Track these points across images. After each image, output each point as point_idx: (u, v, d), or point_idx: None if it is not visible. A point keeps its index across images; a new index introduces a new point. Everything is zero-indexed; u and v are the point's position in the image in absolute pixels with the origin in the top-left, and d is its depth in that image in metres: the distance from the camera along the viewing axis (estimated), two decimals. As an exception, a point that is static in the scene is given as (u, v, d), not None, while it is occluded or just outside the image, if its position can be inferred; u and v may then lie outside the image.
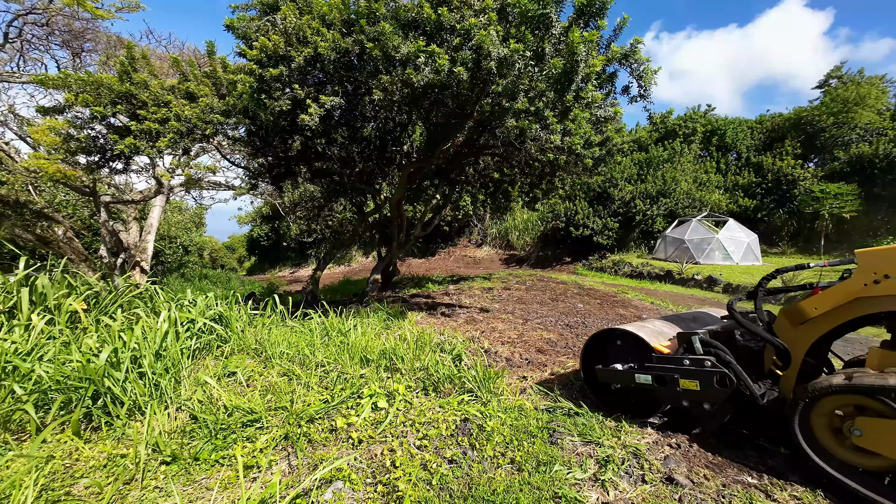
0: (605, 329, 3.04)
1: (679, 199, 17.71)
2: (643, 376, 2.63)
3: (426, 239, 19.93)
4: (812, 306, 2.26)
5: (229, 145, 8.45)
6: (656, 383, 2.60)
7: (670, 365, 2.54)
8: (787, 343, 2.36)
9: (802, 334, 2.32)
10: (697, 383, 2.43)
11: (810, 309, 2.26)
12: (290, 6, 5.05)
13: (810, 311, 2.26)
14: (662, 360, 2.60)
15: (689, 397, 2.49)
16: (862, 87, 19.38)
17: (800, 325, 2.33)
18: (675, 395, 2.55)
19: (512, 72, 4.39)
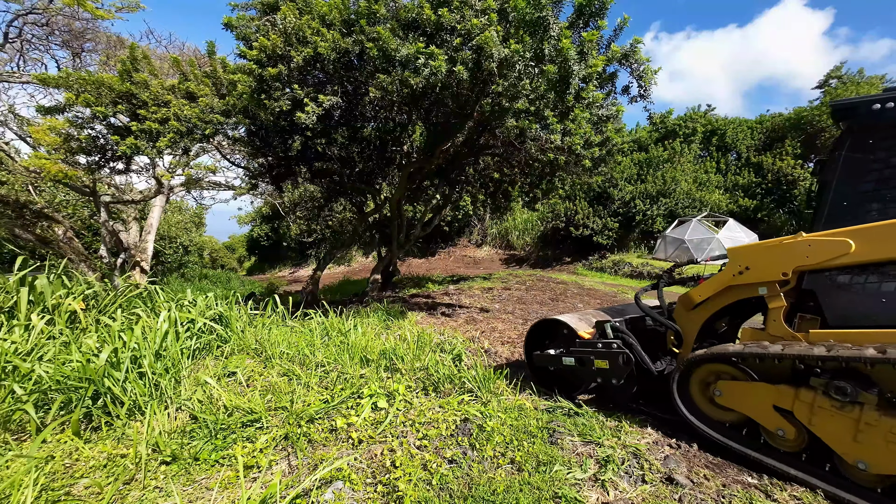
0: (543, 319, 3.47)
1: (679, 199, 17.70)
2: (568, 359, 3.08)
3: (426, 239, 19.92)
4: (697, 294, 2.72)
5: (229, 145, 8.46)
6: (578, 364, 3.04)
7: (588, 348, 3.00)
8: (683, 325, 2.83)
9: (693, 317, 2.77)
10: (607, 362, 2.89)
11: (696, 296, 2.72)
12: (289, 6, 5.05)
13: (696, 297, 2.72)
14: (583, 345, 3.05)
15: (602, 375, 2.94)
16: (862, 87, 19.38)
17: (691, 310, 2.78)
18: (591, 374, 3.00)
19: (512, 72, 4.39)
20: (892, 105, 2.11)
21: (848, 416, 1.97)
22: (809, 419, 2.09)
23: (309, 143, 6.43)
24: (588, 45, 4.51)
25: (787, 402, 2.17)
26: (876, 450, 1.88)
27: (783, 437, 2.22)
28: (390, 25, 4.58)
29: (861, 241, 2.05)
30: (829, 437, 2.03)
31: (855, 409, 1.95)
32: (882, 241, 1.99)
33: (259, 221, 29.12)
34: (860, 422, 1.93)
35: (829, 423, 2.03)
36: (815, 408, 2.07)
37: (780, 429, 2.21)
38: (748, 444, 2.33)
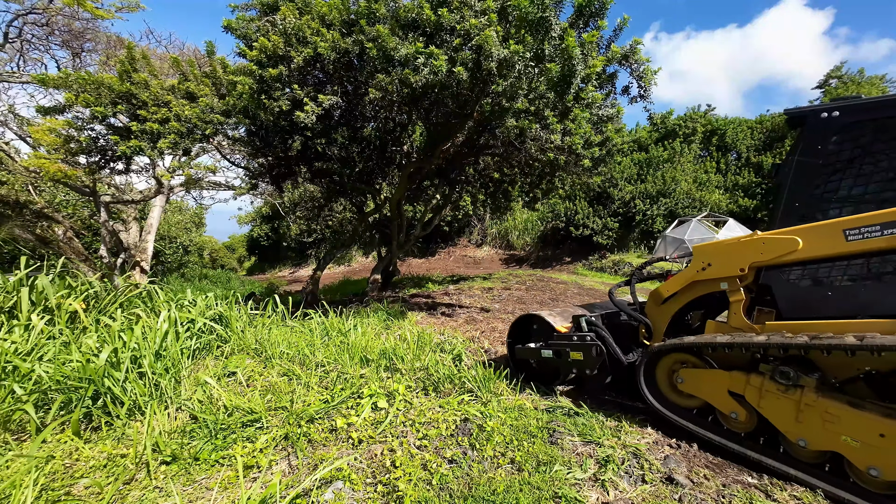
0: (524, 315, 3.64)
1: (679, 199, 17.70)
2: (546, 351, 3.26)
3: (426, 239, 19.91)
4: (665, 289, 2.89)
5: (229, 145, 8.45)
6: (555, 356, 3.22)
7: (564, 341, 3.17)
8: (653, 319, 3.02)
9: (663, 311, 2.96)
10: (581, 354, 3.06)
11: (665, 291, 2.89)
12: (289, 6, 5.04)
13: (665, 292, 2.89)
14: (560, 338, 3.22)
15: (577, 366, 3.12)
16: (862, 87, 19.37)
17: (660, 305, 2.95)
18: (568, 365, 3.18)
19: (512, 72, 4.39)
20: (837, 114, 2.29)
21: (791, 399, 2.16)
22: (758, 402, 2.28)
23: (309, 143, 6.43)
24: (588, 46, 4.51)
25: (740, 386, 2.36)
26: (814, 428, 2.07)
27: (736, 419, 2.42)
28: (390, 25, 4.57)
29: (807, 239, 2.20)
30: (775, 417, 2.22)
31: (797, 391, 2.14)
32: (824, 239, 2.15)
33: (259, 221, 29.10)
34: (801, 403, 2.12)
35: (775, 404, 2.22)
36: (763, 391, 2.26)
37: (734, 412, 2.41)
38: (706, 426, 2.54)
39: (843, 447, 2.00)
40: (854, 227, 2.06)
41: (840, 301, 2.19)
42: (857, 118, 2.27)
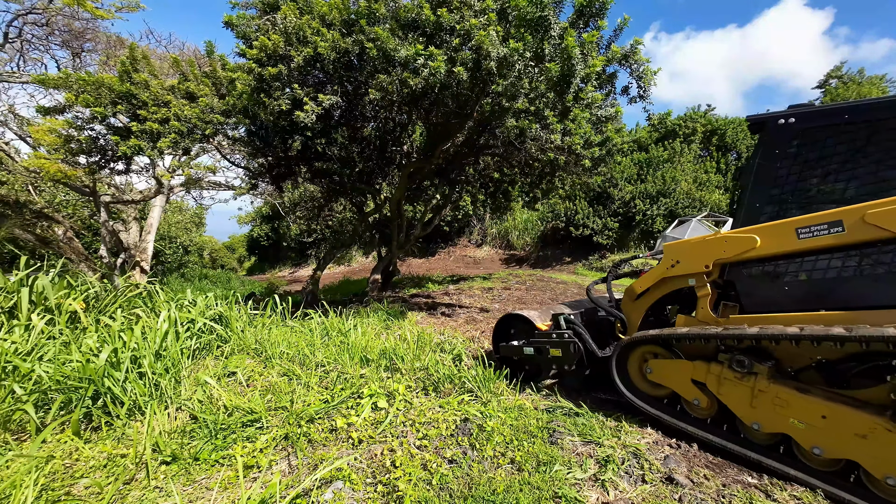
0: (508, 314, 3.77)
1: (679, 199, 17.69)
2: (528, 348, 3.39)
3: (426, 239, 19.90)
4: (638, 286, 3.01)
5: (229, 145, 8.45)
6: (536, 353, 3.34)
7: (544, 339, 3.30)
8: (628, 314, 3.14)
9: (637, 307, 3.08)
10: (560, 350, 3.20)
11: (638, 287, 3.01)
12: (290, 6, 5.04)
13: (638, 289, 3.02)
14: (540, 335, 3.35)
15: (556, 361, 3.24)
16: (862, 87, 19.37)
17: (634, 300, 3.08)
18: (548, 361, 3.29)
19: (512, 72, 4.39)
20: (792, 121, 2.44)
21: (746, 385, 2.32)
22: (718, 389, 2.45)
23: (309, 142, 6.43)
24: (588, 46, 4.51)
25: (701, 375, 2.52)
26: (766, 412, 2.24)
27: (698, 405, 2.59)
28: (390, 25, 4.57)
29: (764, 238, 2.34)
30: (732, 403, 2.39)
31: (751, 378, 2.30)
32: (779, 238, 2.29)
33: (259, 221, 29.09)
34: (755, 389, 2.28)
35: (732, 391, 2.38)
36: (722, 379, 2.42)
37: (696, 398, 2.58)
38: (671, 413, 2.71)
39: (792, 429, 2.16)
40: (805, 226, 2.21)
41: (796, 295, 2.33)
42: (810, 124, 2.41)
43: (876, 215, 1.97)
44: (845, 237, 2.08)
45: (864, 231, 2.02)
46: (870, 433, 1.90)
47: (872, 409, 1.95)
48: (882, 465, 1.89)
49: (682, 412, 2.69)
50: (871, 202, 2.01)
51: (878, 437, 1.88)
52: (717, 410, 2.52)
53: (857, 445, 1.95)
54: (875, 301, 2.10)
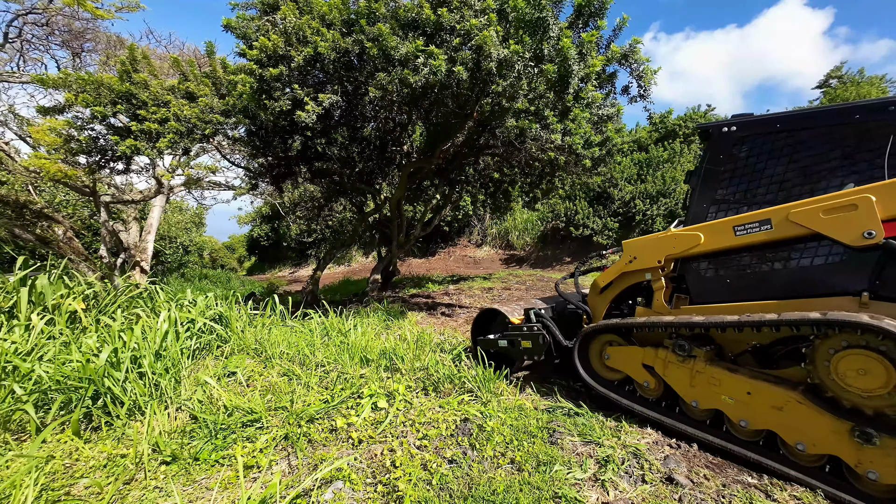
0: (484, 309, 3.95)
1: (679, 199, 17.67)
2: (502, 341, 3.59)
3: (426, 239, 19.89)
4: (602, 280, 3.23)
5: (229, 145, 8.45)
6: (510, 345, 3.54)
7: (516, 332, 3.50)
8: (593, 307, 3.35)
9: (601, 300, 3.28)
10: (530, 342, 3.41)
11: (601, 282, 3.24)
12: (290, 6, 5.04)
13: (601, 283, 3.24)
14: (513, 329, 3.55)
15: (527, 352, 3.45)
16: (862, 87, 19.37)
17: (598, 294, 3.28)
18: (520, 352, 3.50)
19: (512, 72, 4.39)
20: (734, 129, 2.69)
21: (686, 367, 2.56)
22: (664, 371, 2.68)
23: (309, 143, 6.43)
24: (587, 46, 4.51)
25: (651, 359, 2.75)
26: (703, 390, 2.49)
27: (647, 387, 2.83)
28: (390, 25, 4.57)
29: (707, 235, 2.57)
30: (676, 384, 2.62)
31: (691, 361, 2.54)
32: (719, 235, 2.51)
33: (259, 221, 29.07)
34: (693, 370, 2.52)
35: (676, 373, 2.62)
36: (667, 362, 2.66)
37: (646, 381, 2.82)
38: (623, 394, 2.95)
39: (723, 405, 2.42)
40: (740, 225, 2.43)
41: (736, 286, 2.55)
42: (748, 132, 2.66)
43: (797, 214, 2.22)
44: (774, 234, 2.32)
45: (789, 228, 2.26)
46: (784, 406, 2.18)
47: (788, 385, 2.22)
48: (793, 433, 2.16)
49: (634, 394, 2.95)
50: (794, 202, 2.26)
51: (791, 409, 2.16)
52: (663, 391, 2.77)
53: (774, 417, 2.22)
54: (803, 291, 2.32)
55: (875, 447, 1.89)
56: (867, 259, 2.11)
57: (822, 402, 2.08)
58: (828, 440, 2.03)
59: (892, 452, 1.86)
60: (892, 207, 1.97)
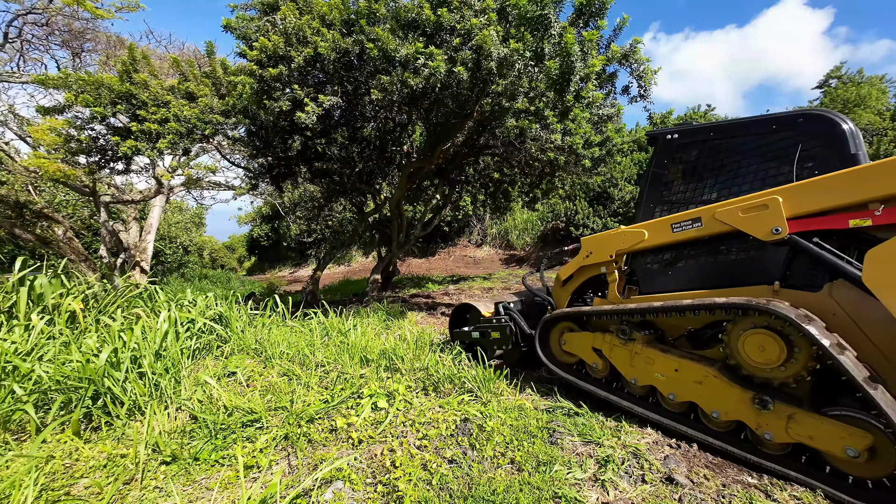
0: (459, 304, 4.25)
1: (679, 199, 17.65)
2: (475, 333, 3.90)
3: (426, 239, 19.89)
4: (563, 273, 3.48)
5: (229, 145, 8.45)
6: (481, 336, 3.84)
7: (486, 324, 3.81)
8: (557, 298, 3.60)
9: (564, 292, 3.54)
10: (499, 333, 3.70)
11: (563, 275, 3.48)
12: (289, 6, 5.04)
13: (563, 276, 3.48)
14: (484, 321, 3.88)
15: (496, 342, 3.74)
16: (862, 87, 19.36)
17: (562, 286, 3.53)
18: (490, 342, 3.79)
19: (512, 72, 4.39)
20: (676, 136, 3.00)
21: (627, 349, 2.84)
22: (609, 353, 2.96)
23: (309, 143, 6.43)
24: (588, 45, 4.51)
25: (599, 343, 3.04)
26: (640, 369, 2.77)
27: (596, 367, 3.11)
28: (390, 25, 4.57)
29: (650, 231, 2.82)
30: (619, 364, 2.90)
31: (631, 343, 2.82)
32: (660, 231, 2.77)
33: (259, 221, 29.07)
34: (633, 352, 2.81)
35: (618, 354, 2.90)
36: (612, 346, 2.94)
37: (595, 362, 3.10)
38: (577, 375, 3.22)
39: (656, 381, 2.69)
40: (677, 222, 2.69)
41: (676, 278, 2.82)
42: (688, 140, 2.96)
43: (721, 213, 2.48)
44: (703, 230, 2.57)
45: (715, 225, 2.52)
46: (704, 380, 2.47)
47: (707, 363, 2.49)
48: (710, 404, 2.45)
49: (586, 375, 3.23)
50: (719, 203, 2.53)
51: (708, 383, 2.45)
52: (609, 371, 3.04)
53: (696, 390, 2.51)
54: (729, 281, 2.58)
55: (770, 412, 2.19)
56: (778, 252, 2.40)
57: (733, 375, 2.37)
58: (736, 408, 2.34)
59: (782, 415, 2.17)
60: (795, 207, 2.24)
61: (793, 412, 2.14)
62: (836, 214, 2.14)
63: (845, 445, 1.99)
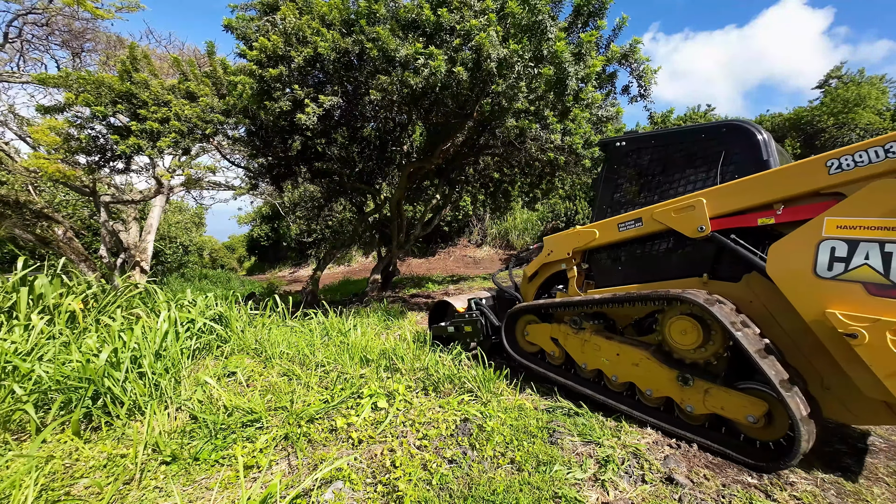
0: (437, 301, 4.55)
1: (679, 199, 17.65)
2: (450, 327, 4.17)
3: (426, 239, 19.88)
4: (528, 270, 3.80)
5: (229, 145, 8.44)
6: (456, 330, 4.13)
7: (460, 318, 4.12)
8: (524, 294, 3.90)
9: (530, 287, 3.84)
10: (471, 327, 4.01)
11: (528, 272, 3.81)
12: (289, 6, 5.04)
13: (528, 273, 3.81)
14: (458, 316, 4.17)
15: (469, 335, 4.05)
16: (862, 87, 19.34)
17: (528, 283, 3.84)
18: (463, 335, 4.09)
19: (512, 73, 4.39)
20: (624, 144, 3.28)
21: (579, 337, 3.12)
22: (564, 342, 3.24)
23: (309, 143, 6.43)
24: (587, 46, 4.51)
25: (556, 333, 3.31)
26: (589, 355, 3.05)
27: (554, 355, 3.40)
28: (390, 26, 4.57)
29: (601, 231, 3.11)
30: (572, 351, 3.19)
31: (581, 332, 3.10)
32: (608, 231, 3.06)
33: (259, 221, 29.04)
34: (583, 340, 3.08)
35: (572, 342, 3.17)
36: (566, 334, 3.22)
37: (553, 350, 3.37)
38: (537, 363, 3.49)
39: (603, 365, 2.98)
40: (622, 222, 2.98)
41: (625, 272, 3.11)
42: (633, 147, 3.23)
43: (657, 214, 2.76)
44: (644, 229, 2.85)
45: (653, 225, 2.79)
46: (640, 362, 2.74)
47: (643, 347, 2.76)
48: (645, 383, 2.73)
49: (547, 363, 3.49)
50: (657, 204, 2.80)
51: (644, 365, 2.72)
52: (564, 358, 3.31)
53: (634, 371, 2.78)
54: (667, 275, 2.86)
55: (691, 387, 2.49)
56: (705, 248, 2.68)
57: (664, 357, 2.64)
58: (665, 386, 2.62)
59: (700, 390, 2.46)
60: (716, 207, 2.52)
61: (709, 387, 2.43)
62: (748, 214, 2.42)
63: (747, 413, 2.29)
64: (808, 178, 2.17)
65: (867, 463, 2.43)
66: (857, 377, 2.05)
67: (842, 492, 2.12)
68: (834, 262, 2.03)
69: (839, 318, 1.98)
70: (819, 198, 2.17)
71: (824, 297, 2.06)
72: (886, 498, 2.09)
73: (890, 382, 1.90)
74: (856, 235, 1.98)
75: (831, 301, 2.04)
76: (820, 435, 2.19)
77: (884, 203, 1.91)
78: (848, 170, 2.04)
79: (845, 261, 2.00)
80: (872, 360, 1.93)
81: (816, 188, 2.15)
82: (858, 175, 2.00)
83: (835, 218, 2.04)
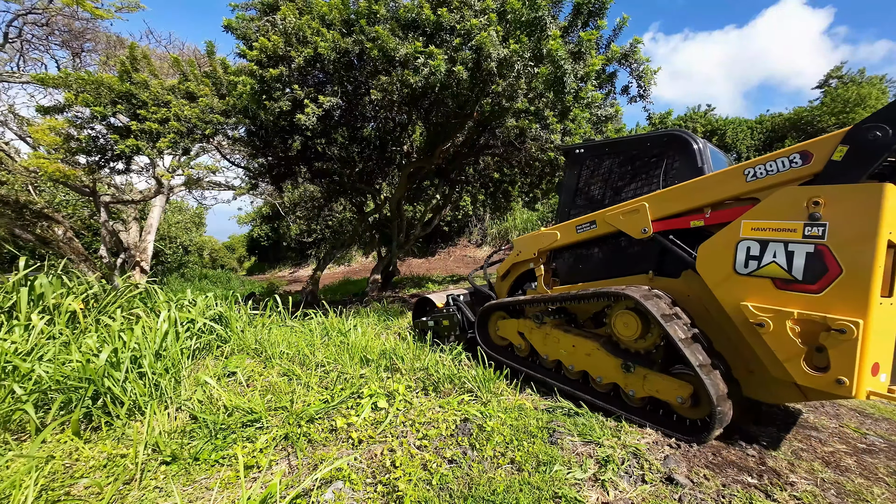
0: (420, 298, 4.80)
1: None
2: (430, 322, 4.41)
3: (426, 239, 19.88)
4: (501, 270, 4.10)
5: (229, 145, 8.45)
6: (435, 325, 4.36)
7: (439, 314, 4.39)
8: (498, 291, 4.24)
9: (503, 285, 4.16)
10: (448, 321, 4.28)
11: (500, 271, 4.13)
12: (289, 6, 5.04)
13: (500, 272, 4.14)
14: (437, 312, 4.44)
15: (447, 329, 4.30)
16: (863, 87, 19.34)
17: (501, 281, 4.16)
18: (442, 329, 4.33)
19: (511, 72, 4.39)
20: (582, 151, 3.54)
21: (541, 331, 3.33)
22: (529, 335, 3.45)
23: (309, 143, 6.43)
24: (586, 45, 4.51)
25: (522, 327, 3.52)
26: (550, 347, 3.27)
27: (520, 348, 3.60)
28: (390, 25, 4.57)
29: (561, 232, 3.39)
30: (536, 343, 3.39)
31: (543, 326, 3.32)
32: (568, 232, 3.34)
33: (259, 221, 29.04)
34: (545, 333, 3.30)
35: (535, 335, 3.39)
36: (530, 329, 3.43)
37: (520, 343, 3.58)
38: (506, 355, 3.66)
39: (561, 356, 3.20)
40: (580, 224, 3.25)
41: (585, 270, 3.37)
42: (590, 154, 3.48)
43: (608, 216, 3.03)
44: (597, 231, 3.13)
45: (605, 227, 3.07)
46: (592, 353, 2.98)
47: (595, 339, 3.00)
48: (596, 371, 2.96)
49: (513, 354, 3.68)
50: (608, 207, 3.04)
51: (595, 355, 2.96)
52: (529, 350, 3.51)
53: (587, 361, 3.01)
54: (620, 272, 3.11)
55: (632, 374, 2.73)
56: (650, 248, 2.93)
57: (611, 347, 2.88)
58: (612, 373, 2.85)
59: (640, 376, 2.70)
60: (656, 211, 2.77)
61: (647, 373, 2.67)
62: (683, 217, 2.68)
63: (677, 395, 2.53)
64: (729, 185, 2.44)
65: (867, 463, 2.43)
66: (766, 361, 2.29)
67: (842, 492, 2.12)
68: (749, 259, 2.29)
69: (751, 309, 2.24)
70: (739, 203, 2.43)
71: (741, 291, 2.32)
72: (886, 498, 2.09)
73: (789, 365, 2.15)
74: (766, 236, 2.23)
75: (747, 294, 2.30)
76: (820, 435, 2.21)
77: (787, 207, 2.16)
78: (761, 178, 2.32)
79: (758, 259, 2.26)
80: (776, 346, 2.18)
81: (736, 194, 2.43)
82: (768, 182, 2.29)
83: (750, 221, 2.29)
